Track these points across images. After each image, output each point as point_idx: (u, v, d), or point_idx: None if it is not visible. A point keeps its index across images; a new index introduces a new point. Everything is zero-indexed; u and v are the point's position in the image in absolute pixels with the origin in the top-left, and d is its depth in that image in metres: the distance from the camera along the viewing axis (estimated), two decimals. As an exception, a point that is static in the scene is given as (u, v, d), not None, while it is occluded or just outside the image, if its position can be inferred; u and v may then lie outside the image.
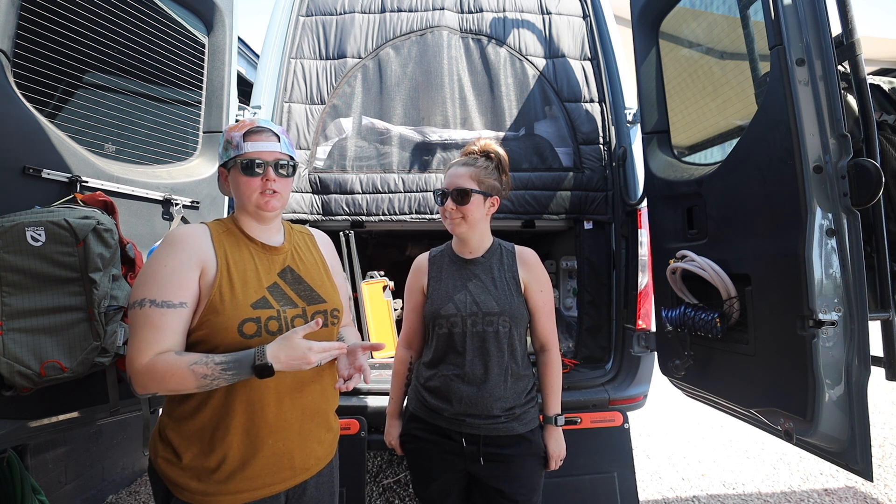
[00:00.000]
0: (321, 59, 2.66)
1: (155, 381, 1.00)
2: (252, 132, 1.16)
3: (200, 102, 2.16)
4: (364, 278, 2.78)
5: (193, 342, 1.09)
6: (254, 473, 1.09)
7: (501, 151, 1.54)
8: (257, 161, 1.14)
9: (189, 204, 2.01)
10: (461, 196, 1.41)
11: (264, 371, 1.00)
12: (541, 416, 1.51)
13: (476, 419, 1.39)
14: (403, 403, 1.60)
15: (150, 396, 1.04)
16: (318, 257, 1.33)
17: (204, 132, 2.18)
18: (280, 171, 1.17)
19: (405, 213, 2.45)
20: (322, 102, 2.58)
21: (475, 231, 1.48)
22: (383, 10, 2.72)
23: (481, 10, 2.72)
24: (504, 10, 2.72)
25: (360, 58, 2.63)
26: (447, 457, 1.43)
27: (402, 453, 1.55)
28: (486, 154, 1.52)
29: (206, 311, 1.07)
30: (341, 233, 2.63)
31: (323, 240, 1.41)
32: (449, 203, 1.42)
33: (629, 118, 2.49)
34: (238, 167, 1.14)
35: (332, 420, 1.28)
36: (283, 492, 1.15)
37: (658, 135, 2.18)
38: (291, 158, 1.21)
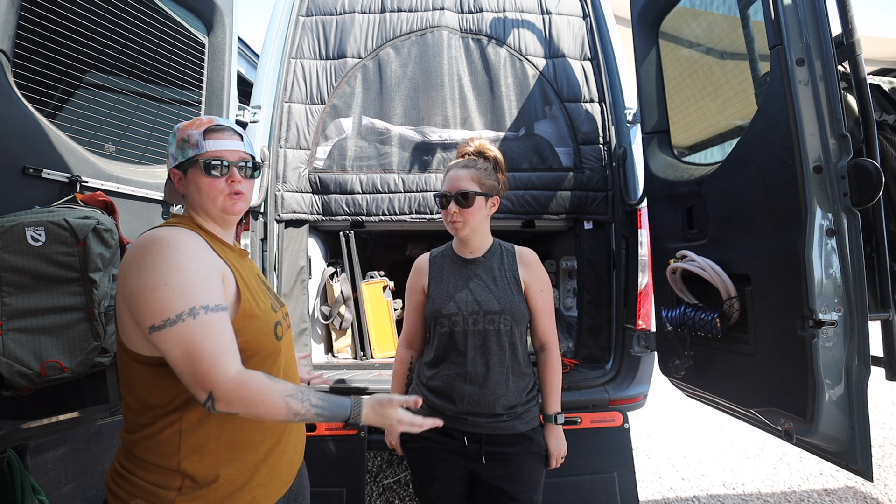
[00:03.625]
0: (321, 59, 2.65)
1: (244, 401, 0.90)
2: (213, 130, 1.07)
3: (200, 102, 2.16)
4: (364, 278, 2.78)
5: None
6: (281, 471, 1.10)
7: (497, 152, 1.54)
8: (221, 161, 1.06)
9: (189, 204, 2.01)
10: (464, 198, 1.41)
11: (354, 427, 1.01)
12: (541, 416, 1.51)
13: (478, 418, 1.40)
14: (404, 403, 1.60)
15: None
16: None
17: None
18: (244, 171, 1.10)
19: (405, 213, 2.45)
20: (322, 102, 2.58)
21: (477, 232, 1.48)
22: (383, 10, 2.71)
23: (481, 10, 2.72)
24: (504, 10, 2.72)
25: (360, 58, 2.63)
26: (449, 456, 1.43)
27: (402, 453, 1.55)
28: (482, 155, 1.52)
29: (240, 316, 1.01)
30: (341, 233, 2.63)
31: None
32: (452, 206, 1.42)
33: (629, 118, 2.49)
34: (199, 167, 1.05)
35: None
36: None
37: (658, 135, 2.18)
38: (254, 158, 1.14)
